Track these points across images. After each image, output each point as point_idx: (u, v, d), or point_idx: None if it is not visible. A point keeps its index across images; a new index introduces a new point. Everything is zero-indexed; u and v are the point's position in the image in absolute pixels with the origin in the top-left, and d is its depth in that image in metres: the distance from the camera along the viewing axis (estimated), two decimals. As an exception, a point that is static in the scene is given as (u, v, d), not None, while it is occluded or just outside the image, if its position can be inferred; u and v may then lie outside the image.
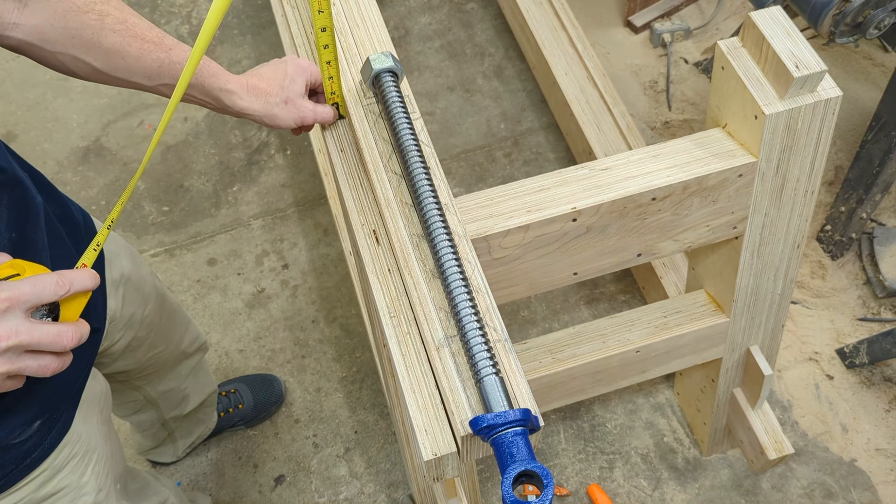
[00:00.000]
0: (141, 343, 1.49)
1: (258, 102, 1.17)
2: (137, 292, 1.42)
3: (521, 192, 1.24)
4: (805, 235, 1.42)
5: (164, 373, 1.68)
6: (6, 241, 1.00)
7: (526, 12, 2.50)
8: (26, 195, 1.07)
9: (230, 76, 1.17)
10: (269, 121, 1.19)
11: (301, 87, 1.20)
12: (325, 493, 2.03)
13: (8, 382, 0.88)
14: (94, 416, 1.25)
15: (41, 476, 1.14)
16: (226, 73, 1.17)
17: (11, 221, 1.02)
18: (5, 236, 1.00)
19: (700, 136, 1.29)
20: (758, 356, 1.65)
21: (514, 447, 0.86)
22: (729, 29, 2.70)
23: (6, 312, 0.84)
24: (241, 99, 1.16)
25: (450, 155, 2.54)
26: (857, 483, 1.95)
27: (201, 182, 2.56)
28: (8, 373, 0.86)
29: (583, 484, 1.99)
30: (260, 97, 1.17)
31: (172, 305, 1.61)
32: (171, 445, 1.98)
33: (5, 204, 1.02)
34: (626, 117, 2.24)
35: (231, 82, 1.16)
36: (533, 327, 2.23)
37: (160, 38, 1.13)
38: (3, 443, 1.06)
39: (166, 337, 1.59)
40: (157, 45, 1.12)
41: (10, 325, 0.84)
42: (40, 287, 0.87)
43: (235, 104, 1.17)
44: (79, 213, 1.25)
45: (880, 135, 2.02)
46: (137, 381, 1.65)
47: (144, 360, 1.55)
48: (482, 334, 0.96)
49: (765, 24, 1.17)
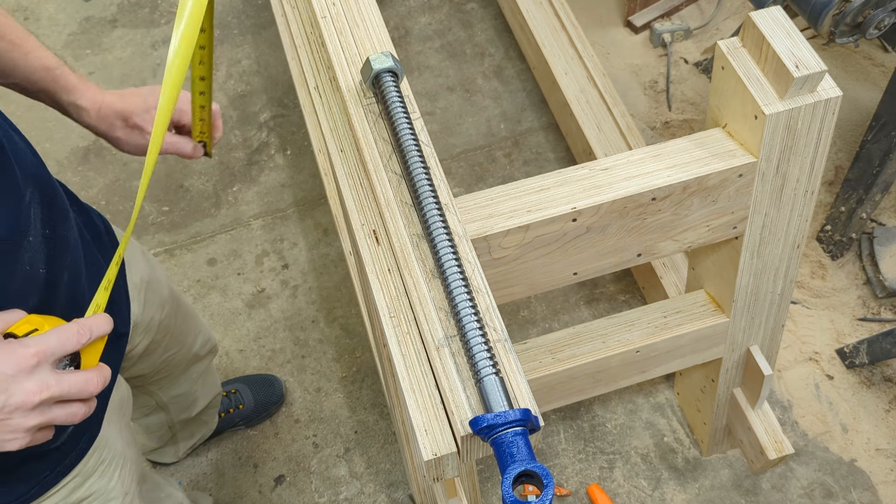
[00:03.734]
0: (157, 346, 1.50)
1: (104, 124, 1.23)
2: (156, 295, 1.43)
3: (521, 192, 1.24)
4: (805, 235, 1.42)
5: (176, 376, 1.69)
6: (41, 238, 1.01)
7: (526, 12, 2.50)
8: (55, 194, 1.08)
9: (87, 91, 1.21)
10: (113, 143, 1.25)
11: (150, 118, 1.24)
12: (325, 493, 2.03)
13: (39, 435, 0.89)
14: (118, 421, 1.27)
15: (72, 482, 1.16)
16: (83, 88, 1.21)
17: (45, 218, 1.03)
18: (40, 233, 1.01)
19: (700, 136, 1.29)
20: (758, 356, 1.65)
21: (514, 447, 0.86)
22: (729, 29, 2.70)
23: (36, 368, 0.86)
24: (89, 117, 1.22)
25: (450, 155, 2.54)
26: (857, 483, 1.95)
27: (201, 182, 2.56)
28: (40, 425, 0.88)
29: (583, 484, 1.99)
30: (108, 119, 1.23)
31: (187, 308, 1.62)
32: (173, 447, 1.99)
33: (37, 200, 1.03)
34: (626, 117, 2.24)
35: (84, 98, 1.21)
36: (533, 327, 2.23)
37: (22, 40, 1.17)
38: (37, 450, 1.07)
39: (180, 339, 1.59)
40: (16, 45, 1.16)
41: (40, 380, 0.86)
42: (64, 338, 0.89)
43: (83, 119, 1.23)
44: (99, 220, 1.26)
45: (880, 135, 2.02)
46: (151, 385, 1.66)
47: (159, 363, 1.56)
48: (482, 334, 0.96)
49: (765, 24, 1.17)
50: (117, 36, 2.91)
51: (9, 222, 0.95)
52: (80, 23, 2.95)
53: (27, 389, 0.85)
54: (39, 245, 1.00)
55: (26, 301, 0.97)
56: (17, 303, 0.95)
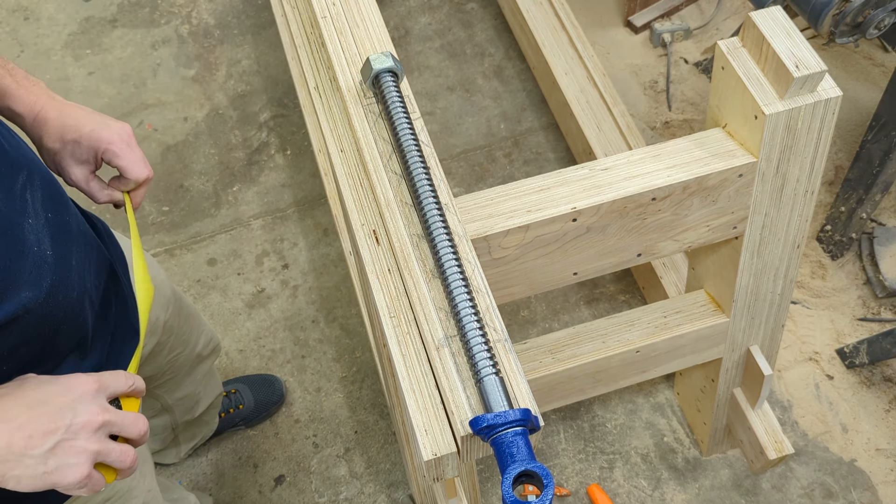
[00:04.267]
0: (163, 347, 1.51)
1: (35, 134, 1.17)
2: (160, 295, 1.43)
3: (521, 192, 1.24)
4: (805, 235, 1.42)
5: (181, 378, 1.69)
6: (42, 220, 1.01)
7: (526, 12, 2.50)
8: (53, 181, 1.09)
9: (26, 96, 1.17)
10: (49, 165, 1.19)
11: (86, 154, 1.16)
12: (325, 493, 2.03)
13: (95, 476, 0.93)
14: None
15: None
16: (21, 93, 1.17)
17: (46, 201, 1.03)
18: (42, 215, 1.01)
19: (700, 136, 1.29)
20: (758, 356, 1.65)
21: (514, 447, 0.86)
22: (729, 29, 2.70)
23: (97, 393, 0.93)
24: (24, 124, 1.17)
25: (450, 155, 2.54)
26: (857, 483, 1.95)
27: (201, 182, 2.56)
28: (99, 452, 0.92)
29: (583, 484, 1.99)
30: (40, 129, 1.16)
31: (189, 307, 1.62)
32: (174, 448, 1.99)
33: (38, 184, 1.03)
34: (626, 117, 2.24)
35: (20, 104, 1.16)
36: (533, 327, 2.23)
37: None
38: None
39: (184, 339, 1.60)
40: None
41: (101, 405, 0.94)
42: (116, 378, 0.98)
43: (23, 129, 1.18)
44: (98, 222, 1.26)
45: (880, 135, 2.02)
46: (157, 389, 1.66)
47: (165, 364, 1.56)
48: (482, 334, 0.96)
49: (765, 24, 1.17)
50: (117, 36, 2.91)
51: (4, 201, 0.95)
52: (80, 23, 2.95)
53: (91, 410, 0.92)
54: (42, 227, 1.00)
55: (41, 283, 0.98)
56: (34, 284, 0.96)
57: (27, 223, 0.98)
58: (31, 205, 1.00)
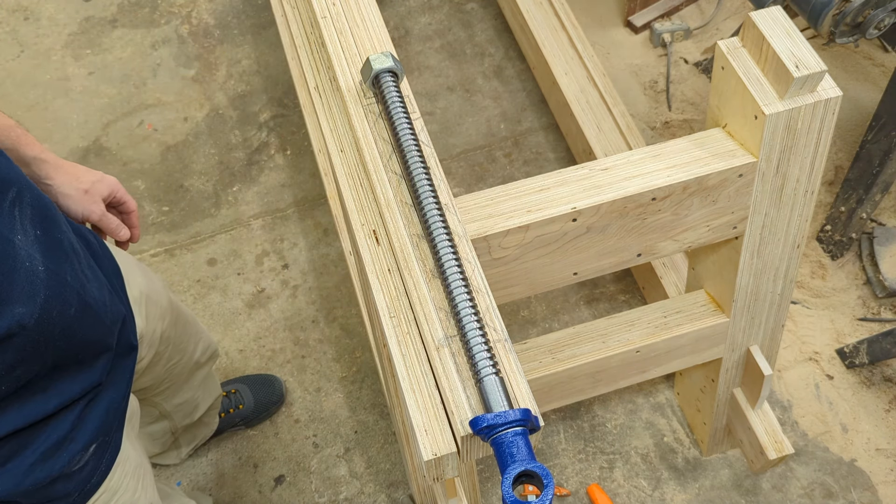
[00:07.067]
0: (160, 357, 1.50)
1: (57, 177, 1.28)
2: (156, 307, 1.43)
3: (521, 192, 1.24)
4: (805, 235, 1.42)
5: (178, 385, 1.69)
6: (32, 237, 1.02)
7: (526, 12, 2.50)
8: (43, 200, 1.09)
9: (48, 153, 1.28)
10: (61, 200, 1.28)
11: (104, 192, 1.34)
12: (325, 493, 2.03)
13: None
14: (130, 432, 1.28)
15: (100, 499, 1.18)
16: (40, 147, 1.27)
17: (35, 219, 1.04)
18: (31, 232, 1.02)
19: (700, 136, 1.29)
20: (758, 356, 1.65)
21: (514, 447, 0.86)
22: (729, 29, 2.70)
23: None
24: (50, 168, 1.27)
25: (450, 155, 2.54)
26: (857, 483, 1.95)
27: (201, 182, 2.56)
28: None
29: (583, 484, 1.99)
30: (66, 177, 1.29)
31: (186, 315, 1.62)
32: (175, 451, 1.99)
33: (27, 201, 1.04)
34: (626, 117, 2.24)
35: (45, 153, 1.27)
36: (533, 327, 2.23)
37: None
38: (65, 471, 1.09)
39: (181, 348, 1.59)
40: None
41: None
42: None
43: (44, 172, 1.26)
44: (92, 237, 1.27)
45: (880, 135, 2.02)
46: (155, 397, 1.66)
47: (163, 373, 1.56)
48: (482, 334, 0.96)
49: (765, 24, 1.17)
50: (117, 36, 2.91)
51: None
52: (80, 23, 2.95)
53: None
54: (32, 243, 1.01)
55: (35, 298, 0.98)
56: (27, 299, 0.96)
57: (17, 239, 0.98)
58: (19, 221, 1.00)
